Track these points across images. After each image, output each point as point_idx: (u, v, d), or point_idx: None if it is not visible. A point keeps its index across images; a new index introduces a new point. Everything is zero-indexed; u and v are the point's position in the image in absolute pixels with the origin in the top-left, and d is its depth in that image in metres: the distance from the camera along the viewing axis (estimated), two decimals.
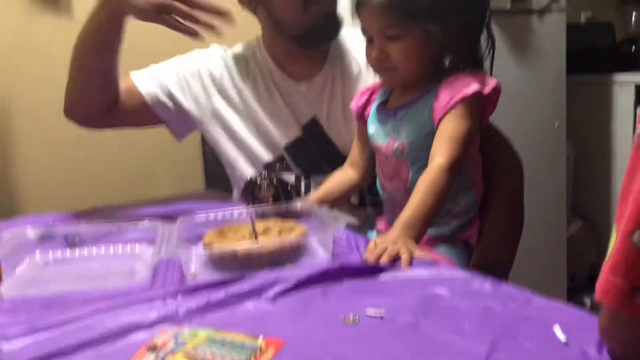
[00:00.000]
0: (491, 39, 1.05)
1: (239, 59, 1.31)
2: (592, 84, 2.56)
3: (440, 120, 0.97)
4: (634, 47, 2.95)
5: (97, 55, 1.18)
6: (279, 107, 1.27)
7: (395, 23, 0.97)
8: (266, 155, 1.26)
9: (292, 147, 1.27)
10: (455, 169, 0.94)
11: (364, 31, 1.03)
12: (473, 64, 1.04)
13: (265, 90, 1.28)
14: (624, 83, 2.45)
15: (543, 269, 2.15)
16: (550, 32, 2.03)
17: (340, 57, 1.28)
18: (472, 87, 0.96)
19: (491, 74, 1.05)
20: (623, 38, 3.06)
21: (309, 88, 1.27)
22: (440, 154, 0.94)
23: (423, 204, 0.90)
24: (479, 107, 0.99)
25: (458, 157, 0.94)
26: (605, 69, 2.56)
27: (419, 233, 0.89)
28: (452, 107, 0.96)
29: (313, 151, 1.27)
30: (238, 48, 1.34)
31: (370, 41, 1.03)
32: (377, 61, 1.02)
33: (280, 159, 1.26)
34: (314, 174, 1.25)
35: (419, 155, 1.00)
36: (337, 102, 1.26)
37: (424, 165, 0.97)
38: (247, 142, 1.28)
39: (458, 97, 0.96)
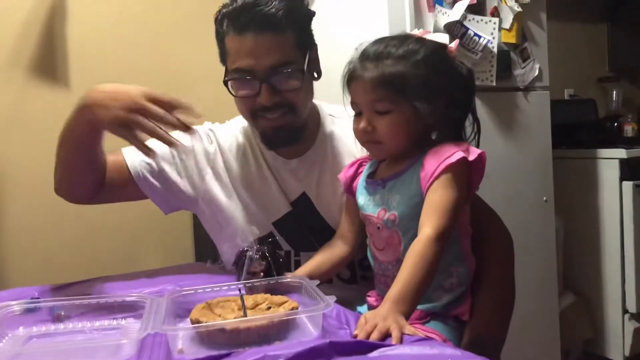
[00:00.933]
0: (476, 121, 1.08)
1: (229, 136, 1.33)
2: (577, 158, 2.62)
3: (427, 189, 0.98)
4: (616, 123, 3.05)
5: (78, 151, 1.18)
6: (269, 183, 1.28)
7: (385, 98, 1.00)
8: (255, 231, 1.26)
9: (280, 223, 1.27)
10: (443, 238, 0.94)
11: (353, 105, 1.05)
12: (454, 138, 1.05)
13: (255, 167, 1.29)
14: (608, 158, 2.50)
15: (536, 345, 2.12)
16: (535, 108, 2.09)
17: (331, 135, 1.30)
18: (456, 155, 0.97)
19: None
20: (605, 115, 3.16)
21: (299, 164, 1.28)
22: (428, 225, 0.94)
23: (412, 276, 0.90)
24: (465, 174, 1.00)
25: (446, 226, 0.94)
26: (589, 144, 2.62)
27: (409, 308, 0.88)
28: (438, 176, 0.97)
29: (302, 227, 1.27)
30: (230, 124, 1.36)
31: (358, 115, 1.05)
32: (364, 133, 1.03)
33: (269, 235, 1.26)
34: (303, 250, 1.25)
35: (410, 225, 1.00)
36: (326, 177, 1.27)
37: (415, 234, 0.96)
38: (236, 219, 1.28)
39: (443, 165, 0.97)
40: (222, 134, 1.33)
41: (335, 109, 1.35)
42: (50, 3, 1.84)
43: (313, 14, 1.25)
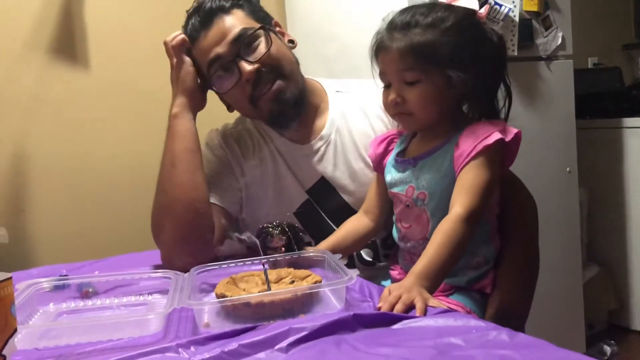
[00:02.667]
0: (508, 88, 1.06)
1: (241, 133, 1.32)
2: (602, 128, 2.57)
3: (461, 169, 0.97)
4: None
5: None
6: (283, 175, 1.27)
7: (415, 67, 0.98)
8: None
9: (299, 214, 1.27)
10: (473, 219, 0.93)
11: (382, 75, 1.04)
12: (489, 113, 1.04)
13: (270, 160, 1.28)
14: (633, 127, 2.45)
15: (560, 317, 2.11)
16: (558, 78, 2.05)
17: (342, 112, 1.28)
18: (494, 136, 0.95)
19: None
20: (631, 83, 3.09)
21: (314, 147, 1.27)
22: (459, 204, 0.93)
23: (439, 254, 0.89)
24: (500, 155, 0.99)
25: (477, 207, 0.93)
26: (614, 114, 2.57)
27: (434, 284, 0.88)
28: (473, 157, 0.95)
29: (321, 215, 1.26)
30: (237, 124, 1.34)
31: (387, 87, 1.03)
32: (394, 105, 1.02)
33: None
34: (324, 239, 1.20)
35: (440, 204, 1.00)
36: (344, 156, 1.26)
37: (444, 214, 0.96)
38: (255, 216, 1.27)
39: (480, 146, 0.95)
40: (234, 136, 1.32)
41: (341, 84, 1.34)
42: None
43: None
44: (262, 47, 1.17)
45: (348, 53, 1.84)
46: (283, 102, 1.19)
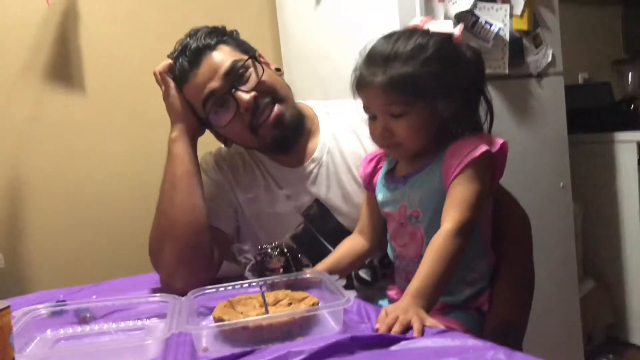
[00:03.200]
0: (488, 102, 1.06)
1: (234, 157, 1.33)
2: (594, 143, 2.60)
3: (450, 184, 0.97)
4: (632, 105, 3.01)
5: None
6: (278, 199, 1.27)
7: (399, 101, 0.97)
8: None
9: (296, 237, 1.27)
10: (464, 232, 0.93)
11: (366, 109, 1.03)
12: (473, 128, 1.04)
13: (263, 185, 1.29)
14: (625, 141, 2.48)
15: (558, 331, 2.11)
16: (550, 94, 2.07)
17: (334, 133, 1.29)
18: (480, 148, 0.96)
19: None
20: (621, 97, 3.12)
21: (307, 169, 1.27)
22: (449, 219, 0.94)
23: (433, 271, 0.90)
24: (488, 168, 0.99)
25: (467, 220, 0.94)
26: (606, 128, 2.60)
27: (430, 302, 0.88)
28: (461, 171, 0.96)
29: (318, 237, 1.26)
30: (229, 149, 1.34)
31: (372, 118, 1.03)
32: (382, 138, 1.02)
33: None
34: (321, 260, 1.19)
35: (433, 221, 0.99)
36: (337, 177, 1.26)
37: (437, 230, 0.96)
38: (255, 236, 1.28)
39: (467, 160, 0.96)
40: (227, 160, 1.33)
41: (331, 106, 1.35)
42: (62, 9, 1.86)
43: (235, 30, 1.28)
44: (254, 76, 1.19)
45: (342, 73, 1.85)
46: (284, 126, 1.21)
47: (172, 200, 1.17)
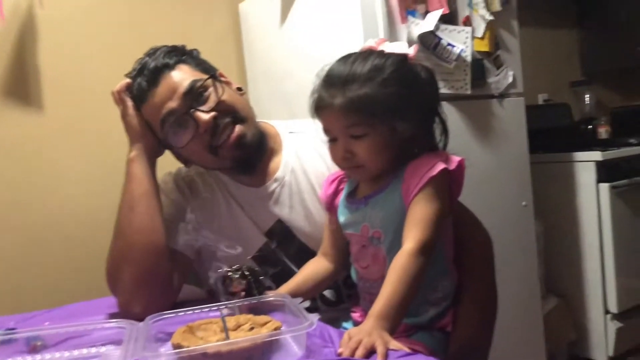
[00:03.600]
0: (443, 123, 1.06)
1: (193, 178, 1.31)
2: (554, 162, 2.65)
3: (410, 203, 0.97)
4: (590, 126, 3.10)
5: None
6: (239, 218, 1.25)
7: (359, 122, 0.97)
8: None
9: (258, 258, 1.25)
10: (425, 251, 0.93)
11: (326, 131, 1.03)
12: (430, 147, 1.05)
13: (224, 205, 1.27)
14: (584, 161, 2.54)
15: (521, 350, 2.12)
16: (511, 115, 2.11)
17: (297, 153, 1.28)
18: (438, 166, 0.96)
19: None
20: (579, 118, 3.21)
21: (270, 189, 1.26)
22: (410, 238, 0.93)
23: (396, 292, 0.89)
24: (446, 185, 0.99)
25: (428, 239, 0.93)
26: (565, 148, 2.66)
27: (393, 324, 0.87)
28: (420, 189, 0.96)
29: (281, 257, 1.25)
30: (189, 169, 1.31)
31: (333, 141, 1.03)
32: (344, 160, 1.02)
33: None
34: (285, 282, 1.18)
35: (395, 241, 0.99)
36: (300, 197, 1.25)
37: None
38: (216, 258, 1.23)
39: (425, 178, 0.96)
40: (186, 180, 1.31)
41: (294, 125, 1.35)
42: (19, 25, 1.82)
43: (195, 49, 1.26)
44: (213, 96, 1.17)
45: (307, 91, 1.85)
46: (246, 147, 1.19)
47: (131, 221, 1.13)
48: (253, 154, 1.21)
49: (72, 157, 1.90)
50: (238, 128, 1.18)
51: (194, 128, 1.15)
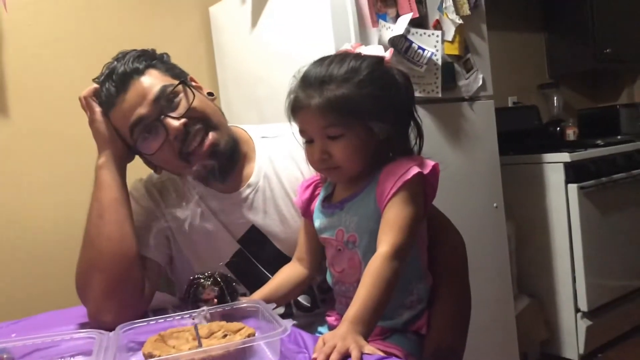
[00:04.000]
0: (418, 125, 1.07)
1: (165, 184, 1.29)
2: (524, 164, 2.69)
3: (384, 207, 0.97)
4: (558, 128, 3.16)
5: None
6: (212, 226, 1.24)
7: (336, 122, 0.97)
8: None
9: (232, 265, 1.24)
10: (400, 255, 0.93)
11: (303, 132, 1.03)
12: (404, 150, 1.05)
13: (197, 213, 1.24)
14: (553, 162, 2.58)
15: (495, 349, 2.14)
16: (481, 117, 2.14)
17: (269, 158, 1.28)
18: (412, 170, 0.97)
19: None
20: (548, 120, 3.27)
21: (243, 195, 1.25)
22: (384, 242, 0.93)
23: (370, 296, 0.88)
24: (421, 188, 1.00)
25: (402, 243, 0.93)
26: (534, 150, 2.70)
27: (368, 327, 0.87)
28: (395, 194, 0.96)
29: (254, 264, 1.24)
30: (161, 175, 1.29)
31: (309, 142, 1.03)
32: (321, 161, 1.01)
33: None
34: (258, 288, 1.17)
35: (370, 245, 0.99)
36: (274, 203, 1.25)
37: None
38: (187, 271, 1.23)
39: (400, 182, 0.96)
40: (157, 187, 1.29)
41: (267, 130, 1.34)
42: None
43: (165, 53, 1.24)
44: (184, 102, 1.15)
45: (277, 96, 1.84)
46: (219, 155, 1.17)
47: (100, 229, 1.11)
48: (226, 162, 1.20)
49: (39, 163, 1.85)
50: (211, 135, 1.16)
51: (164, 135, 1.13)
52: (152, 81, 1.14)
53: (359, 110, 0.97)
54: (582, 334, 2.58)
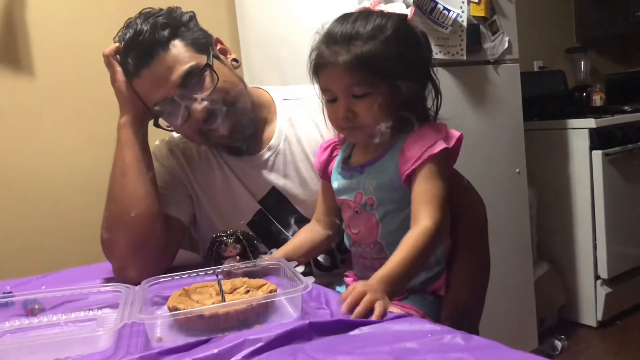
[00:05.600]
0: (436, 86, 1.05)
1: (188, 144, 1.29)
2: (548, 129, 2.65)
3: (408, 177, 0.97)
4: (584, 93, 3.09)
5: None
6: (233, 186, 1.25)
7: (362, 80, 0.96)
8: None
9: (252, 224, 1.25)
10: (441, 232, 0.94)
11: (326, 91, 1.01)
12: (422, 113, 1.03)
13: (219, 172, 1.26)
14: (578, 128, 2.54)
15: (513, 314, 2.16)
16: (506, 81, 2.10)
17: (290, 120, 1.27)
18: (439, 145, 0.96)
19: (435, 121, 1.06)
20: (574, 85, 3.20)
21: (264, 157, 1.25)
22: (426, 217, 0.93)
23: (404, 262, 0.89)
24: (447, 162, 1.00)
25: (443, 219, 0.94)
26: (559, 115, 2.66)
27: (395, 291, 0.88)
28: (421, 165, 0.96)
29: (274, 225, 1.25)
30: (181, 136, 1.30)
31: (332, 101, 1.01)
32: (345, 120, 1.00)
33: None
34: (277, 247, 1.19)
35: (388, 209, 1.00)
36: (294, 165, 1.25)
37: (392, 218, 0.98)
38: (209, 230, 1.24)
39: (426, 155, 0.96)
40: (180, 147, 1.29)
41: (288, 91, 1.33)
42: None
43: (190, 15, 1.19)
44: (208, 83, 1.13)
45: (300, 58, 1.83)
46: (238, 136, 1.18)
47: (123, 187, 1.13)
48: (243, 143, 1.21)
49: (65, 122, 1.88)
50: (232, 118, 1.15)
51: (185, 115, 1.13)
52: (175, 59, 1.11)
53: (385, 69, 0.96)
54: (601, 301, 2.58)
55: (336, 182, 1.10)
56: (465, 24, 1.86)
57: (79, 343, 0.78)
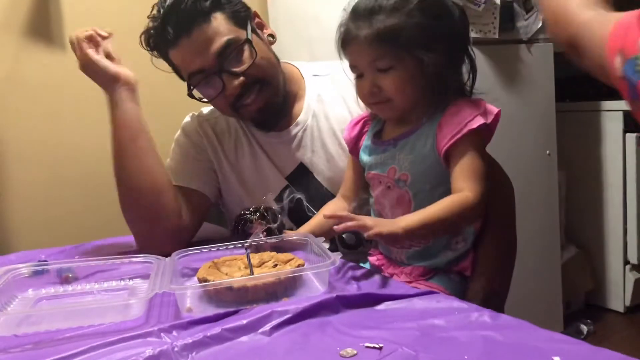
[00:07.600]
0: (472, 62, 1.04)
1: (220, 121, 1.30)
2: (580, 111, 2.60)
3: (447, 151, 0.96)
4: None
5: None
6: (261, 161, 1.26)
7: (385, 54, 0.96)
8: None
9: (278, 200, 1.24)
10: (482, 207, 0.94)
11: (353, 67, 1.02)
12: (457, 88, 1.02)
13: (247, 147, 1.27)
14: (611, 110, 2.48)
15: (538, 297, 2.14)
16: (539, 61, 2.06)
17: (320, 96, 1.27)
18: (477, 120, 0.95)
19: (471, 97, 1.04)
20: None
21: (292, 133, 1.26)
22: (469, 189, 0.93)
23: (433, 219, 0.90)
24: (485, 138, 1.00)
25: (485, 194, 0.94)
26: (592, 97, 2.60)
27: (406, 236, 0.88)
28: (459, 140, 0.95)
29: (300, 202, 1.24)
30: (213, 110, 1.30)
31: (360, 77, 1.01)
32: (371, 95, 1.00)
33: None
34: (303, 223, 1.19)
35: (422, 186, 1.00)
36: (322, 141, 1.25)
37: (426, 195, 0.98)
38: (236, 204, 1.26)
39: (465, 130, 0.95)
40: (211, 122, 1.30)
41: (318, 68, 1.33)
42: None
43: None
44: (246, 58, 1.14)
45: (330, 35, 1.82)
46: (269, 112, 1.19)
47: (123, 167, 1.14)
48: (273, 119, 1.22)
49: (95, 95, 1.90)
50: (266, 94, 1.17)
51: (220, 88, 1.14)
52: (216, 31, 1.12)
53: (408, 41, 0.95)
54: (629, 287, 2.54)
55: (368, 157, 1.09)
56: (498, 1, 1.82)
57: (112, 311, 0.80)
